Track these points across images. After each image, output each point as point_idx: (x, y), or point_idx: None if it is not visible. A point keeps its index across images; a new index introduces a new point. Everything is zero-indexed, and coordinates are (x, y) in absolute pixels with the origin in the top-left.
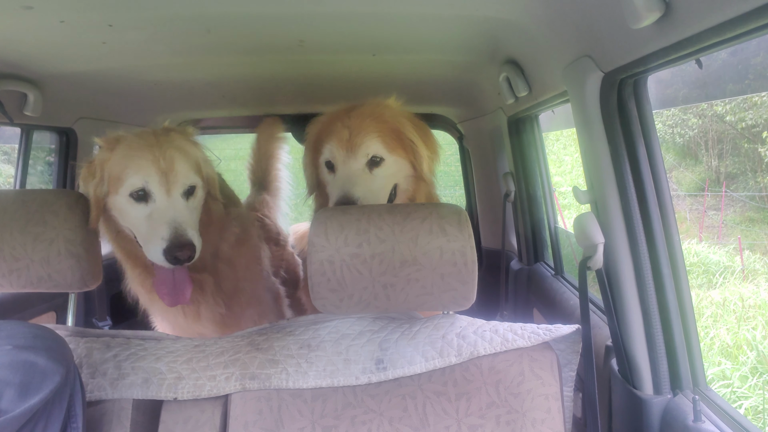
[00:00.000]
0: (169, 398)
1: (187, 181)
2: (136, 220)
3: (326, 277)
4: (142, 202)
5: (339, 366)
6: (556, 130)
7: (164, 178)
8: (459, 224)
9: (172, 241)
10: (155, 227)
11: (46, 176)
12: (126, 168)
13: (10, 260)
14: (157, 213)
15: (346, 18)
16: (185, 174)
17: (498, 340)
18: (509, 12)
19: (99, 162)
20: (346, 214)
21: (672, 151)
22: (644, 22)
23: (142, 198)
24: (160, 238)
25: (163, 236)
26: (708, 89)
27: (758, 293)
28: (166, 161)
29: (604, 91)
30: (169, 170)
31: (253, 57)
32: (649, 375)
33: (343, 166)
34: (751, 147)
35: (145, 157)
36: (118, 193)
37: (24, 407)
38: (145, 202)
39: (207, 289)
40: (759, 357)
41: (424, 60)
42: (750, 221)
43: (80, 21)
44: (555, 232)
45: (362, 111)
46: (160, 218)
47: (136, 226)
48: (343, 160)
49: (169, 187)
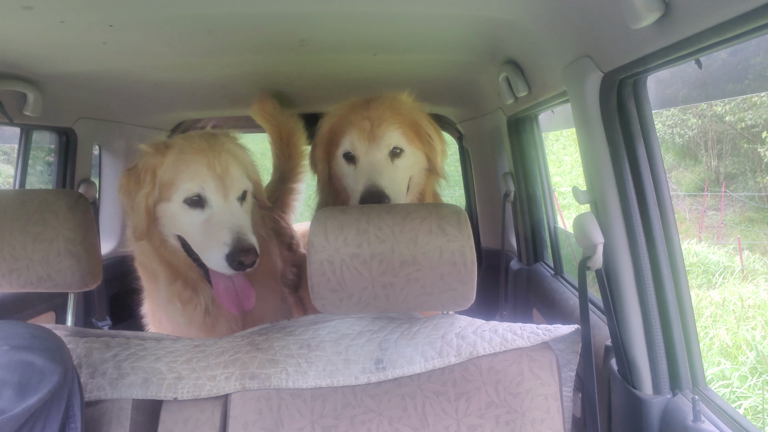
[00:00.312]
0: (169, 398)
1: (241, 186)
2: (191, 227)
3: (326, 277)
4: (198, 208)
5: (339, 366)
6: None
7: (220, 183)
8: (458, 224)
9: (235, 245)
10: (215, 233)
11: (45, 176)
12: (180, 173)
13: (9, 260)
14: (215, 218)
15: (347, 18)
16: (239, 178)
17: (497, 340)
18: (509, 12)
19: (148, 168)
20: (345, 214)
21: (672, 151)
22: (644, 22)
23: (197, 204)
24: (222, 244)
25: (225, 241)
26: (708, 89)
27: (758, 293)
28: (221, 166)
29: (604, 91)
30: (225, 175)
31: (254, 57)
32: (648, 375)
33: (366, 157)
34: (750, 147)
35: (200, 162)
36: (170, 200)
37: (22, 407)
38: (201, 208)
39: (215, 315)
40: (758, 357)
41: (424, 60)
42: (749, 221)
43: (80, 21)
44: (554, 232)
45: (381, 103)
46: (220, 223)
47: (191, 233)
48: (366, 151)
49: (226, 192)
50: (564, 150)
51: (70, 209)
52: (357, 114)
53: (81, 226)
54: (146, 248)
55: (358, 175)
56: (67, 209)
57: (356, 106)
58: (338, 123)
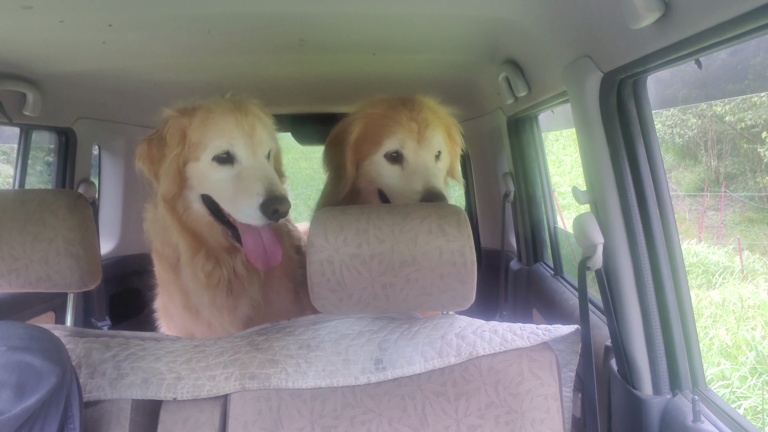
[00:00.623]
0: (169, 398)
1: (268, 145)
2: (221, 184)
3: (325, 278)
4: (227, 165)
5: (338, 366)
6: (555, 130)
7: (249, 140)
8: (458, 224)
9: (269, 194)
10: (247, 185)
11: (45, 176)
12: (209, 132)
13: (8, 260)
14: (246, 172)
15: (346, 18)
16: (266, 138)
17: (497, 341)
18: (509, 12)
19: (176, 130)
20: (345, 214)
21: (671, 151)
22: (644, 22)
23: (227, 161)
24: (255, 194)
25: (258, 192)
26: (707, 89)
27: (757, 293)
28: (249, 125)
29: (604, 91)
30: (252, 132)
31: (254, 57)
32: (648, 375)
33: (416, 158)
34: (750, 147)
35: (229, 120)
36: (199, 159)
37: (20, 408)
38: (231, 164)
39: (247, 287)
40: (758, 357)
41: (423, 60)
42: (749, 221)
43: (80, 21)
44: (554, 233)
45: (422, 105)
46: (252, 176)
47: (221, 189)
48: (415, 152)
49: (255, 149)
50: (564, 150)
51: (70, 209)
52: (401, 114)
53: (80, 226)
54: (168, 220)
55: (411, 176)
56: (66, 209)
57: (394, 106)
58: (378, 122)
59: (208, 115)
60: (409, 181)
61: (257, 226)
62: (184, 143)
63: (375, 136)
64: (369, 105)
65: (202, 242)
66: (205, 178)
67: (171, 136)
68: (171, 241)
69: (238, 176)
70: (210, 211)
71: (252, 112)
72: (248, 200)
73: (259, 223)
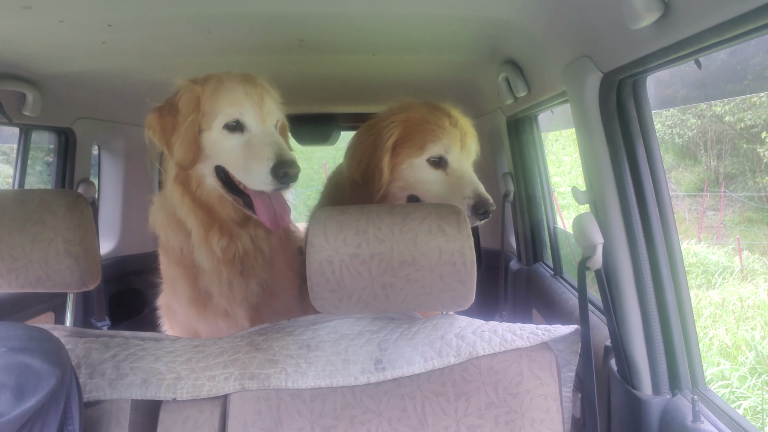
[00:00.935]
0: (168, 398)
1: (275, 115)
2: (232, 152)
3: (325, 278)
4: (237, 132)
5: (338, 366)
6: (555, 130)
7: (258, 110)
8: (458, 224)
9: (279, 158)
10: (258, 151)
11: (44, 176)
12: (220, 101)
13: (8, 260)
14: (255, 139)
15: (346, 18)
16: (274, 108)
17: (497, 341)
18: (508, 12)
19: (191, 98)
20: (345, 214)
21: (671, 151)
22: (643, 22)
23: (237, 128)
24: (265, 159)
25: (269, 156)
26: (707, 89)
27: (757, 294)
28: (258, 96)
29: (603, 91)
30: (261, 103)
31: (253, 57)
32: (648, 375)
33: (460, 165)
34: (750, 147)
35: (238, 90)
36: (210, 128)
37: (20, 410)
38: (241, 132)
39: (256, 266)
40: (758, 357)
41: (423, 60)
42: (749, 221)
43: (79, 21)
44: (554, 233)
45: (454, 111)
46: (261, 143)
47: (232, 157)
48: (459, 159)
49: (264, 118)
50: (563, 150)
51: (69, 209)
52: (443, 120)
53: (80, 226)
54: (179, 198)
55: (458, 181)
56: (65, 209)
57: (432, 111)
58: (421, 127)
59: (219, 84)
60: (457, 187)
61: (268, 191)
62: (199, 110)
63: (417, 140)
64: (404, 108)
65: (215, 217)
66: (217, 147)
67: (185, 103)
68: (179, 226)
69: (248, 143)
70: (222, 182)
71: (260, 84)
72: (259, 165)
73: (270, 187)
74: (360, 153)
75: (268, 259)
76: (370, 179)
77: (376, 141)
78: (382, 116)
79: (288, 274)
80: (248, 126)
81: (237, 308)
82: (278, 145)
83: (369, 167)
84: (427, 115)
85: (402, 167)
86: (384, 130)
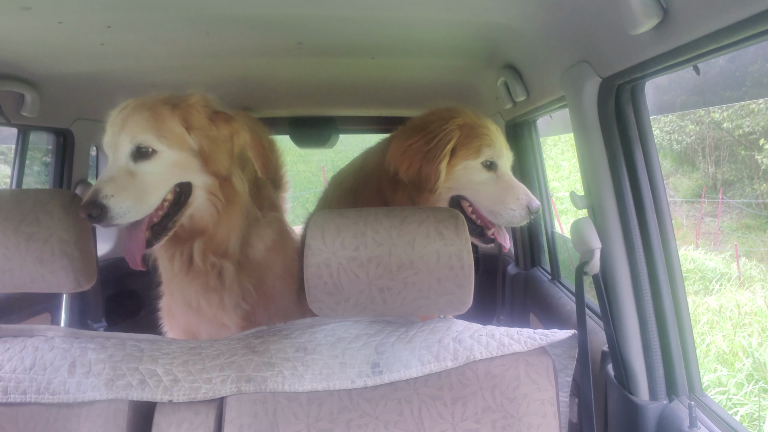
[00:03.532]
0: (165, 400)
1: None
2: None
3: (323, 281)
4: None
5: (335, 369)
6: (553, 135)
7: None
8: (456, 228)
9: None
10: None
11: (42, 177)
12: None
13: (3, 260)
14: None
15: (345, 21)
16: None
17: (494, 345)
18: (508, 17)
19: None
20: (343, 217)
21: (669, 157)
22: (642, 28)
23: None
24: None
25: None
26: (705, 96)
27: (754, 300)
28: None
29: (602, 96)
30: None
31: (252, 59)
32: (645, 381)
33: (506, 169)
34: (748, 154)
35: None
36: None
37: None
38: None
39: (226, 277)
40: (755, 364)
41: (422, 64)
42: (747, 228)
43: (78, 22)
44: (552, 237)
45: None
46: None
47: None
48: (506, 164)
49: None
50: (562, 155)
51: (65, 209)
52: (490, 125)
53: (75, 227)
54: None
55: (509, 184)
56: (61, 209)
57: (478, 115)
58: (477, 131)
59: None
60: (509, 189)
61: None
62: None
63: (474, 143)
64: (450, 112)
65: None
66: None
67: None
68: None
69: None
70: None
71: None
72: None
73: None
74: (411, 156)
75: (260, 264)
76: (422, 180)
77: (431, 144)
78: (428, 119)
79: (285, 279)
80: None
81: (226, 316)
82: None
83: (422, 169)
84: (477, 120)
85: (456, 169)
86: (441, 134)
